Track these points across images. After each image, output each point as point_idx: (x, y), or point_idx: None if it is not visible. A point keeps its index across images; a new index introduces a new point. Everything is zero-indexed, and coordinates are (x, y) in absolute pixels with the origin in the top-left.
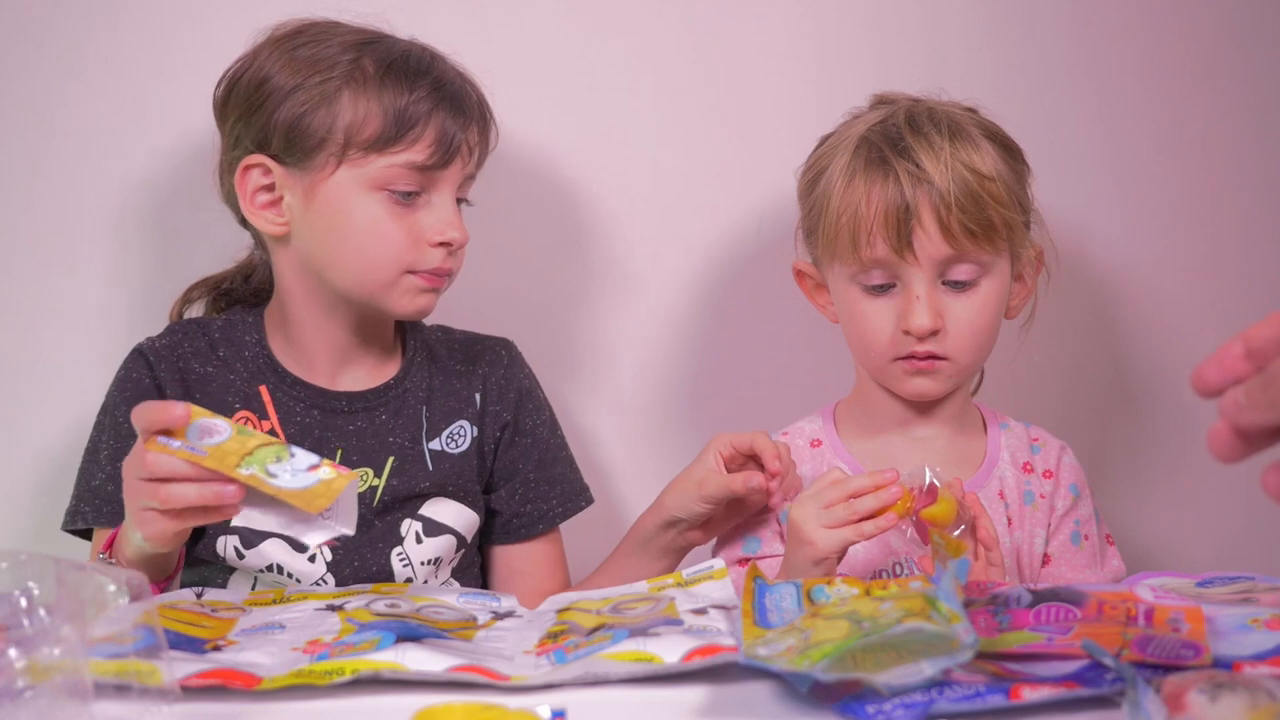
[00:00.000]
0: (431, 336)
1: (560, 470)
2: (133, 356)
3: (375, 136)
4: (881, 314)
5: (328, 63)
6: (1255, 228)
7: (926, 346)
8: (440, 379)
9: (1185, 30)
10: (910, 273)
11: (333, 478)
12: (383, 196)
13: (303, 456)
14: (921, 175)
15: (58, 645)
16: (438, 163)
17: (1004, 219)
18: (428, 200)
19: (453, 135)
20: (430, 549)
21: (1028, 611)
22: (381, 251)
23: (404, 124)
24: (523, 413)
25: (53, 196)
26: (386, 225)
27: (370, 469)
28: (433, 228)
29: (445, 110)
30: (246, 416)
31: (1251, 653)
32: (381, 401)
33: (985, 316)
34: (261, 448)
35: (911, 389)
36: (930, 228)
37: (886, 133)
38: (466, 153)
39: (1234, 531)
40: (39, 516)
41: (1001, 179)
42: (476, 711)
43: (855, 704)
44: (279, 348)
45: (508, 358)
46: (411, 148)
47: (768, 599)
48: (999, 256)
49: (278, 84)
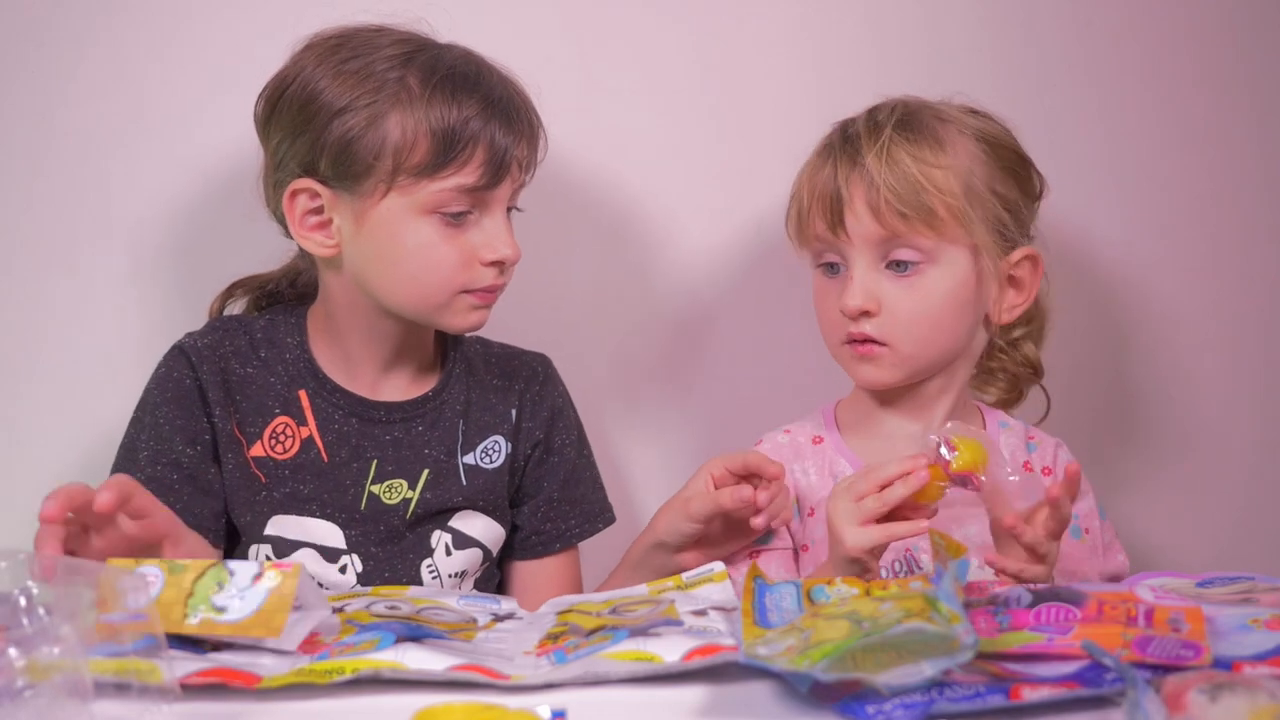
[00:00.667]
0: (470, 349)
1: (583, 490)
2: (174, 354)
3: (424, 162)
4: (829, 294)
5: (375, 80)
6: (1255, 228)
7: (861, 328)
8: (478, 393)
9: (1186, 31)
10: (850, 252)
11: (279, 582)
12: (434, 219)
13: (241, 570)
14: (857, 159)
15: (57, 644)
16: (489, 183)
17: (949, 207)
18: (479, 219)
19: (503, 153)
20: (459, 561)
21: (1027, 612)
22: (434, 274)
23: (453, 147)
24: (554, 431)
25: (52, 196)
26: (439, 249)
27: (405, 480)
28: (486, 246)
29: (495, 127)
30: (286, 423)
31: (1251, 653)
32: (419, 413)
33: (929, 305)
34: (199, 580)
35: (859, 376)
36: (860, 207)
37: (846, 127)
38: (517, 170)
39: (1233, 532)
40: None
41: (956, 169)
42: (476, 711)
43: (855, 704)
44: (321, 353)
45: (544, 374)
46: (461, 170)
47: (768, 599)
48: (948, 245)
49: (324, 103)
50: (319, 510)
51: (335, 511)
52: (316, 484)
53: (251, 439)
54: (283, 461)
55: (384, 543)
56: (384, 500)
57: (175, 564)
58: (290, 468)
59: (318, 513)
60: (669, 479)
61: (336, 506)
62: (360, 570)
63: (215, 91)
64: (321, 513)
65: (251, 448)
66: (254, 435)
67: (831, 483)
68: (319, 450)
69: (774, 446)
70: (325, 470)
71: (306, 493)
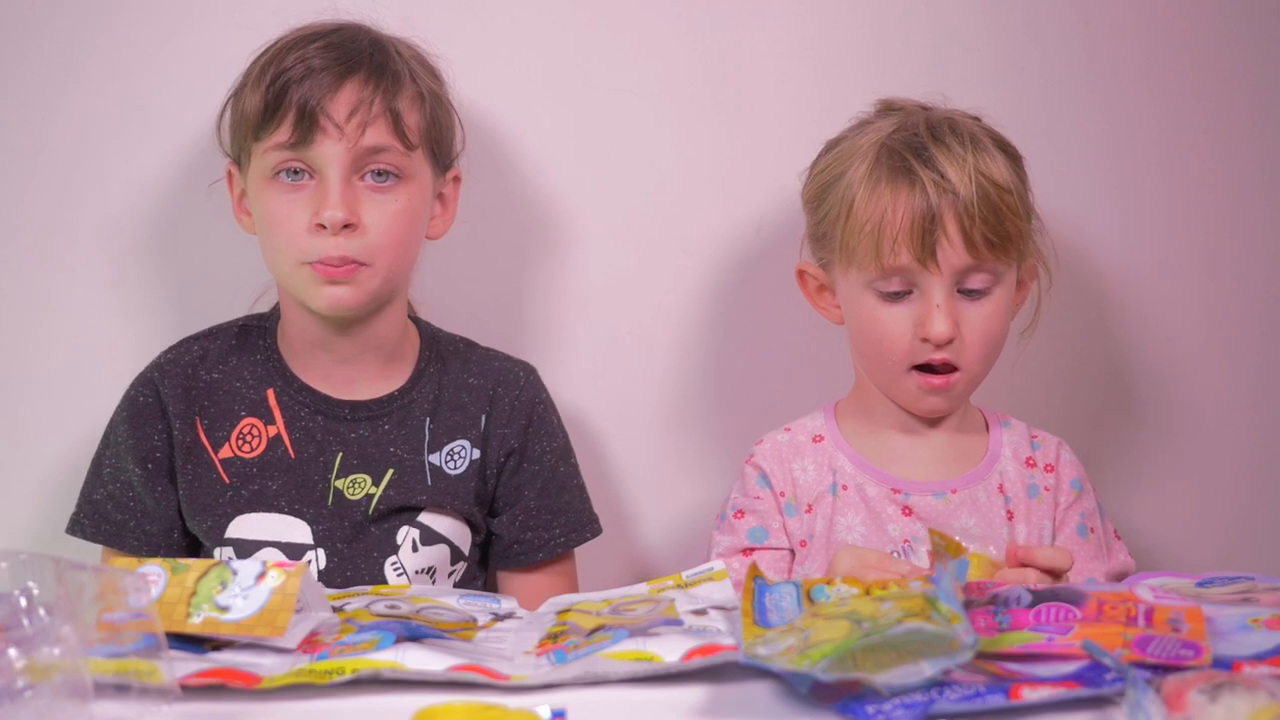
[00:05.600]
0: (448, 347)
1: (567, 500)
2: (139, 378)
3: (254, 124)
4: (899, 321)
5: (263, 60)
6: (1255, 229)
7: (943, 354)
8: (450, 391)
9: (1186, 31)
10: (929, 280)
11: (283, 581)
12: (276, 185)
13: (244, 570)
14: (946, 185)
15: (57, 645)
16: (298, 140)
17: (1018, 229)
18: (315, 184)
19: (307, 106)
20: (425, 558)
21: (1027, 612)
22: (275, 242)
23: (269, 106)
24: (531, 439)
25: (51, 197)
26: (278, 213)
27: (369, 476)
28: (315, 210)
29: (307, 81)
30: (253, 423)
31: (1251, 653)
32: (385, 411)
33: (996, 324)
34: (202, 579)
35: (923, 406)
36: (955, 238)
37: (909, 141)
38: (333, 127)
39: (1233, 532)
40: (39, 517)
41: (1014, 189)
42: (476, 711)
43: (855, 704)
44: (289, 351)
45: (524, 381)
46: (278, 130)
47: (767, 599)
48: (1010, 266)
49: (237, 86)
50: (287, 506)
51: (303, 507)
52: (284, 479)
53: (219, 442)
54: (250, 460)
55: (349, 539)
56: (347, 495)
57: (178, 563)
58: (258, 465)
59: (285, 508)
60: (669, 480)
61: (304, 502)
62: (323, 567)
63: (216, 90)
64: (289, 508)
65: (219, 451)
66: (221, 439)
67: (830, 478)
68: (286, 447)
69: (774, 445)
70: (292, 466)
71: (275, 489)
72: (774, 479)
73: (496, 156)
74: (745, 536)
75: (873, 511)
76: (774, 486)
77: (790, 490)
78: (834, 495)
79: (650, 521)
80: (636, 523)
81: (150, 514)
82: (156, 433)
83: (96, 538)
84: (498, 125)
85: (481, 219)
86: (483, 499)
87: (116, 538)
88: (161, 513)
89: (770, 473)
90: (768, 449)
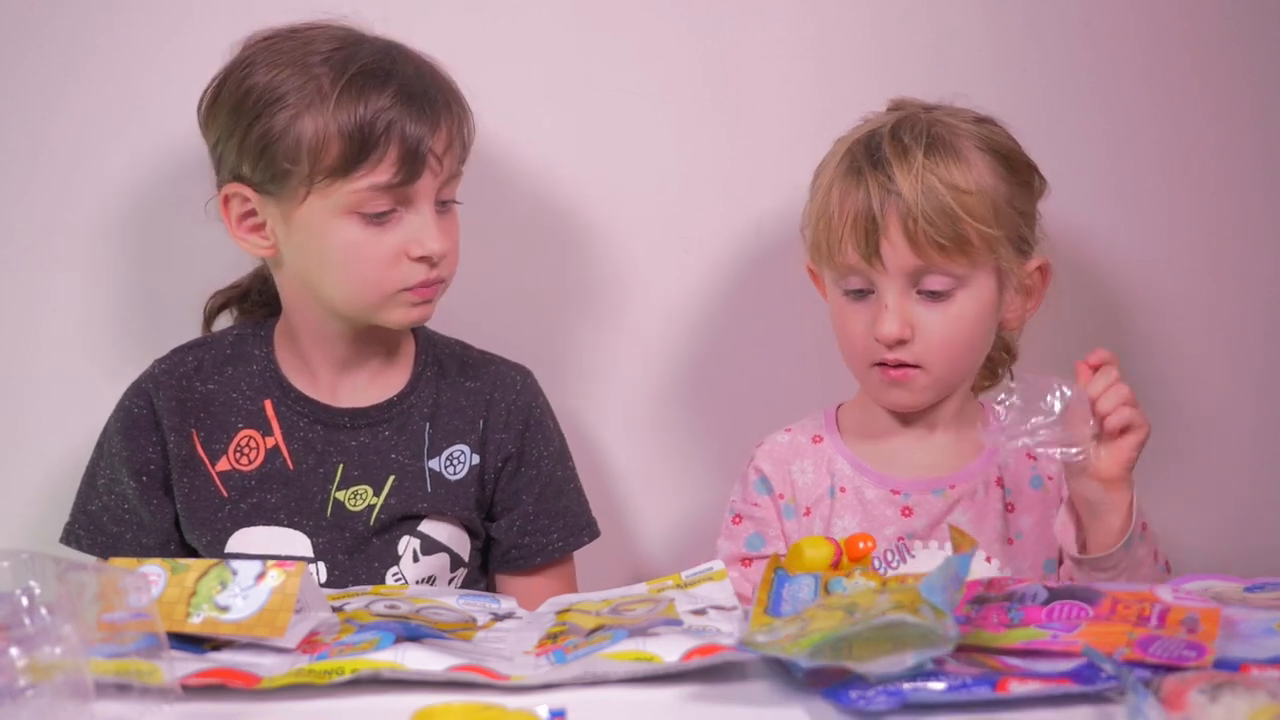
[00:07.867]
0: (444, 351)
1: (564, 504)
2: (133, 385)
3: (337, 164)
4: (858, 318)
5: (295, 81)
6: (1256, 229)
7: (896, 354)
8: (448, 395)
9: (1187, 32)
10: (882, 280)
11: (283, 580)
12: (355, 219)
13: (244, 569)
14: (891, 187)
15: (59, 644)
16: (405, 180)
17: (980, 234)
18: (403, 216)
19: (417, 147)
20: (426, 567)
21: (1041, 609)
22: (364, 273)
23: (364, 146)
24: (528, 443)
25: (51, 197)
26: (364, 249)
27: (370, 486)
28: (413, 242)
29: (407, 122)
30: (250, 435)
31: (1266, 656)
32: (385, 418)
33: (960, 328)
34: (201, 579)
35: (888, 400)
36: (896, 238)
37: (869, 142)
38: (435, 162)
39: (1233, 532)
40: (39, 518)
41: (984, 193)
42: (476, 711)
43: (841, 690)
44: (285, 361)
45: (521, 385)
46: (375, 170)
47: (786, 589)
48: (977, 270)
49: (248, 106)
50: (286, 519)
51: (303, 520)
52: (284, 492)
53: (217, 455)
54: (249, 473)
55: (350, 550)
56: (348, 507)
57: (178, 563)
58: (256, 478)
59: (285, 521)
60: (668, 482)
61: (304, 514)
62: (324, 580)
63: None
64: (289, 521)
65: (217, 463)
66: (219, 451)
67: (828, 480)
68: (284, 459)
69: (774, 447)
70: (291, 478)
71: (274, 502)
72: (773, 481)
73: (497, 157)
74: (744, 544)
75: (869, 514)
76: (773, 490)
77: (790, 492)
78: (832, 498)
79: (649, 523)
80: (635, 524)
81: (146, 527)
82: (151, 445)
83: (93, 550)
84: (499, 126)
85: (482, 219)
86: (482, 504)
87: (112, 550)
88: (158, 525)
89: (770, 475)
90: (768, 450)
